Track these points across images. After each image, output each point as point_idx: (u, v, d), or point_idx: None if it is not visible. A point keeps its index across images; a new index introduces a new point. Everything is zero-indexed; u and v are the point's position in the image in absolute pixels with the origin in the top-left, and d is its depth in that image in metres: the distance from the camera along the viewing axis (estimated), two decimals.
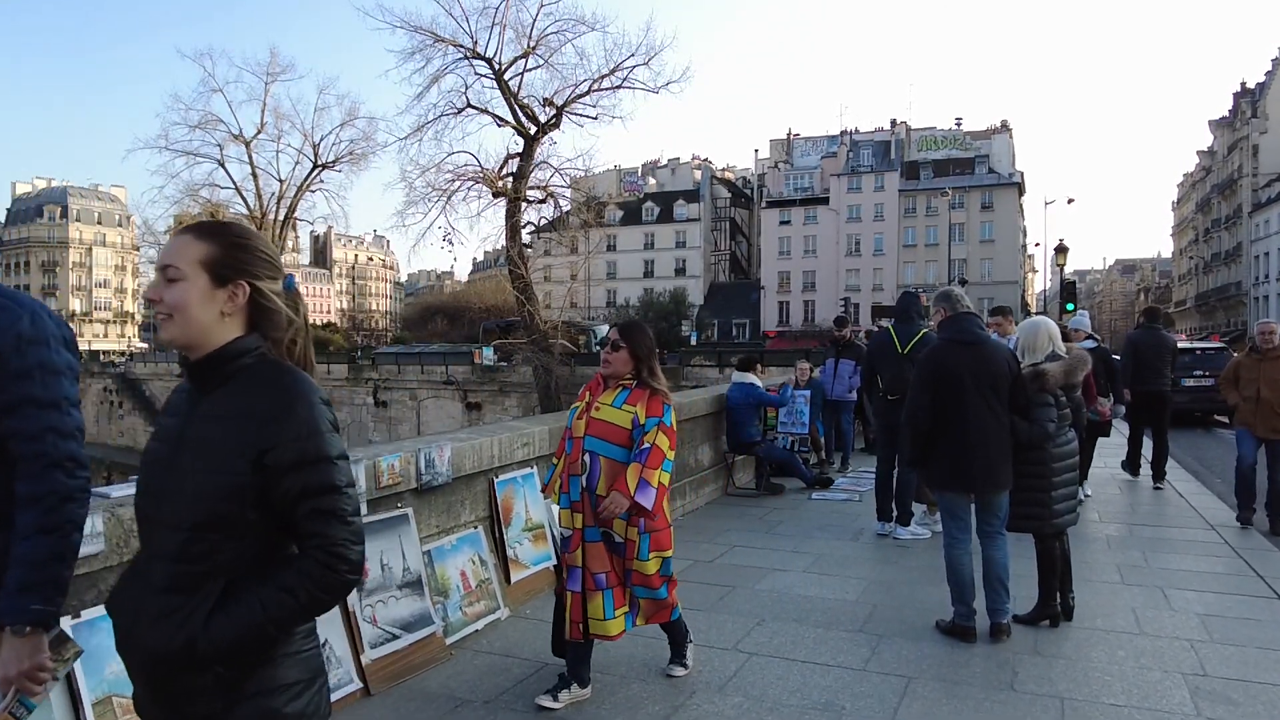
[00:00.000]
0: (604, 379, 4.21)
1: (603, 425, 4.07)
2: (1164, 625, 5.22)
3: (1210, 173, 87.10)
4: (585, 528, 4.06)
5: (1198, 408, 19.30)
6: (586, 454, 4.06)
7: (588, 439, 4.08)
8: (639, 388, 4.11)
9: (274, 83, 45.04)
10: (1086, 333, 9.26)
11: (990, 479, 5.04)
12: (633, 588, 4.12)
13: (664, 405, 4.08)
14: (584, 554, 4.07)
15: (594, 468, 4.04)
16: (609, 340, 4.16)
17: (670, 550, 4.16)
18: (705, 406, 9.23)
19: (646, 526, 4.05)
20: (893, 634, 5.07)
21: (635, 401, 4.08)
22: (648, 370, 4.14)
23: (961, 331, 5.23)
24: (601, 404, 4.12)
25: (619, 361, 4.13)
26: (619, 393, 4.12)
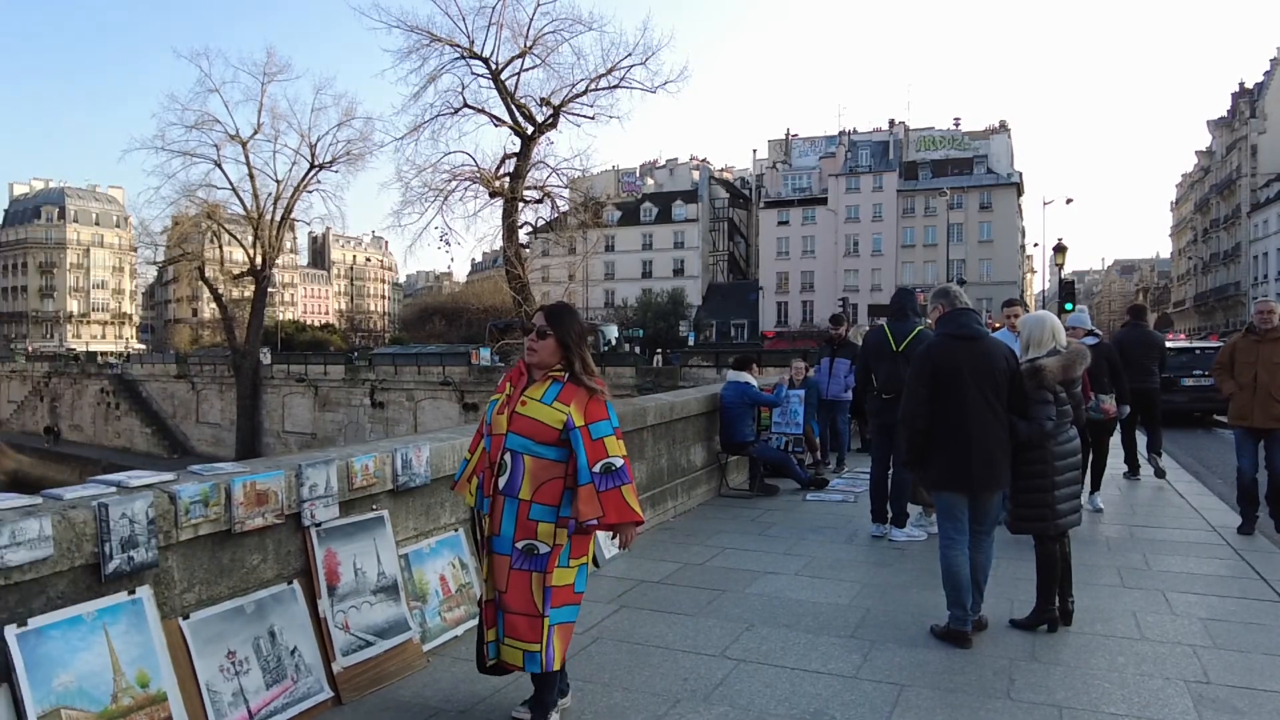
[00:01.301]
0: (527, 369, 3.73)
1: (529, 423, 3.58)
2: (1165, 630, 5.06)
3: (1209, 173, 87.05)
4: (492, 537, 3.62)
5: (1197, 407, 19.13)
6: (507, 453, 3.59)
7: (510, 436, 3.60)
8: (571, 383, 3.62)
9: (270, 83, 44.77)
10: (1086, 329, 8.83)
11: (989, 479, 4.90)
12: (549, 613, 3.56)
13: (607, 406, 3.63)
14: (488, 564, 3.65)
15: (515, 469, 3.57)
16: (533, 326, 3.69)
17: (586, 557, 3.73)
18: (698, 406, 9.07)
19: (578, 529, 3.60)
20: (885, 639, 4.92)
21: (569, 400, 3.58)
22: (579, 361, 3.65)
23: (960, 327, 5.09)
24: (529, 398, 3.62)
25: (545, 350, 3.65)
26: (548, 386, 3.63)
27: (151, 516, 3.44)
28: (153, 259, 55.41)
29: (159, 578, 3.53)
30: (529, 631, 3.55)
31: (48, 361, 68.12)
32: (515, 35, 30.36)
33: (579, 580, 3.67)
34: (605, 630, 5.07)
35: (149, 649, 3.39)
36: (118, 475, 3.67)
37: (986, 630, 5.01)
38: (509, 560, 3.56)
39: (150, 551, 3.44)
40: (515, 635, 3.57)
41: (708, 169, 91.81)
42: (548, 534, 3.58)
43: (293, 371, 50.78)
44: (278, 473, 4.00)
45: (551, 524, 3.58)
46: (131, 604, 3.40)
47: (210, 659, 3.63)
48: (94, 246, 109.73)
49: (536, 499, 3.55)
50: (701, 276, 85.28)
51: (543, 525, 3.57)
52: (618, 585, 5.95)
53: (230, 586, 3.84)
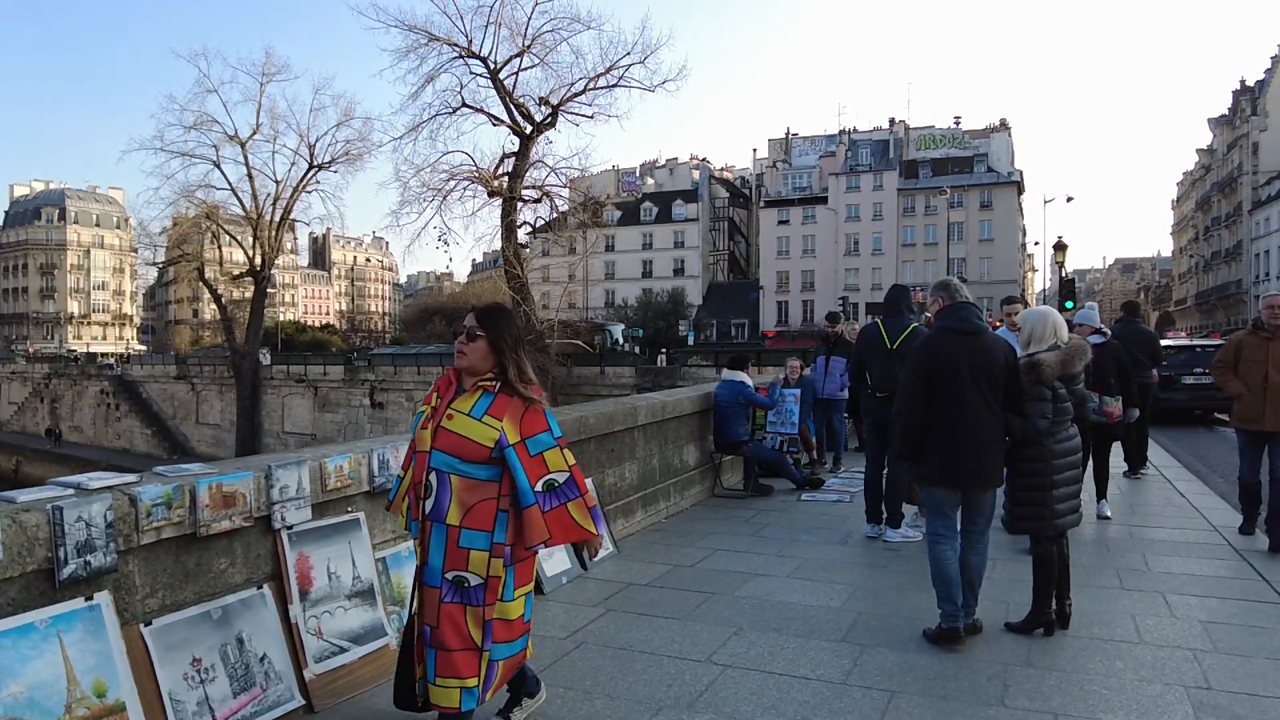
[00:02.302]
0: (457, 377, 3.37)
1: (455, 439, 3.20)
2: (1165, 633, 4.93)
3: (1210, 170, 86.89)
4: (422, 565, 3.27)
5: (1197, 405, 19.01)
6: (432, 473, 3.23)
7: (434, 454, 3.23)
8: (504, 393, 3.24)
9: (269, 83, 44.66)
10: (1093, 327, 8.14)
11: (982, 476, 4.78)
12: (491, 648, 3.25)
13: (545, 417, 3.27)
14: (420, 597, 3.30)
15: (442, 490, 3.20)
16: (463, 328, 3.30)
17: (530, 584, 3.41)
18: (691, 405, 8.94)
19: (514, 556, 3.25)
20: (877, 644, 4.79)
21: (501, 413, 3.20)
22: (514, 368, 3.27)
23: (960, 321, 4.96)
24: (456, 411, 3.24)
25: (476, 354, 3.27)
26: (478, 398, 3.24)
27: (110, 519, 3.32)
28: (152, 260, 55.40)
29: (119, 583, 3.40)
30: (465, 666, 3.22)
31: (48, 363, 68.03)
32: (513, 34, 30.38)
33: (527, 610, 3.38)
34: (589, 635, 4.94)
35: (107, 657, 3.26)
36: (78, 476, 3.54)
37: (981, 634, 4.88)
38: (439, 593, 3.22)
39: (109, 556, 3.32)
40: (450, 673, 3.21)
41: (708, 168, 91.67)
42: (480, 563, 3.20)
43: (292, 372, 50.70)
44: (246, 474, 3.87)
45: (484, 552, 3.20)
46: (89, 610, 3.27)
47: (173, 667, 3.50)
48: (94, 248, 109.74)
49: (466, 524, 3.19)
50: (702, 276, 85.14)
51: (474, 554, 3.19)
52: (605, 588, 5.83)
53: (196, 591, 3.71)
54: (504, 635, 3.26)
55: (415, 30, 30.22)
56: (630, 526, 7.43)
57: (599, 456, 7.04)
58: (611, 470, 7.26)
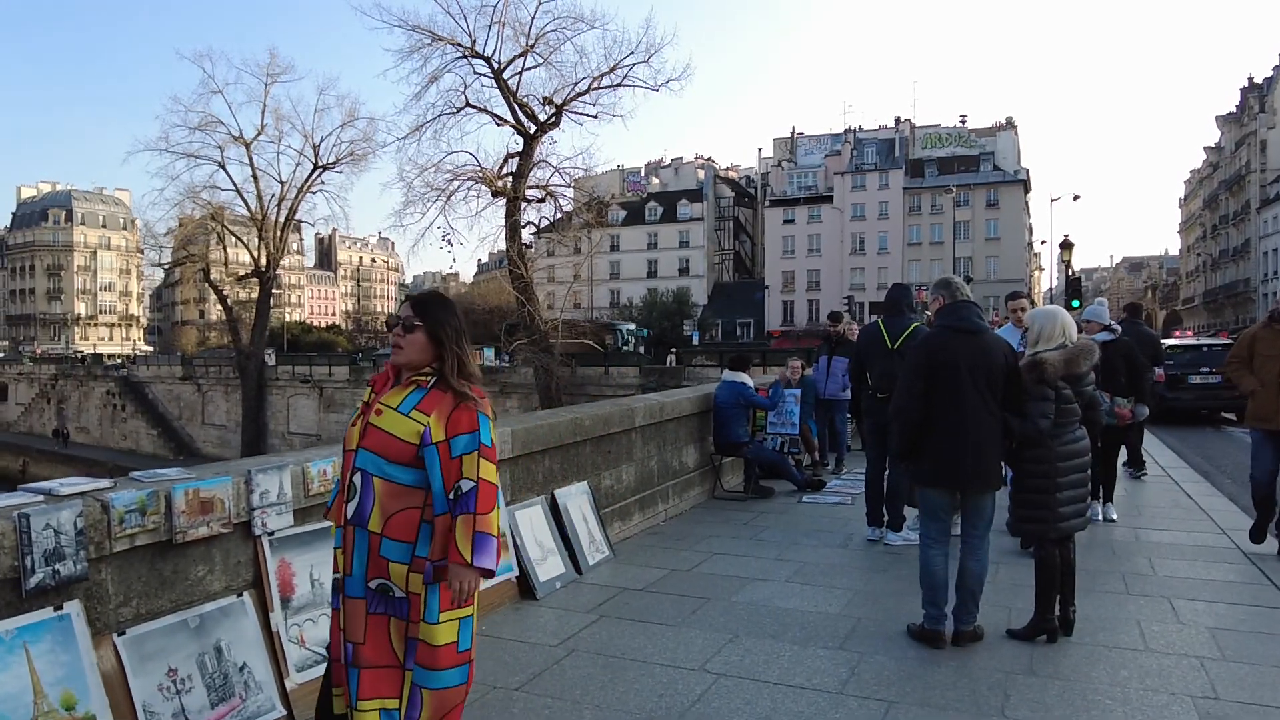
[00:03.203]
0: (394, 371, 3.04)
1: (381, 436, 2.87)
2: (1171, 640, 4.81)
3: (1218, 169, 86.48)
4: (345, 576, 2.91)
5: (1204, 405, 18.89)
6: (357, 474, 2.89)
7: (360, 453, 2.90)
8: (438, 388, 2.91)
9: (274, 84, 44.85)
10: (1101, 324, 7.81)
11: (980, 477, 4.69)
12: (413, 669, 2.87)
13: (477, 417, 2.86)
14: (342, 611, 2.93)
15: (365, 493, 2.86)
16: (399, 319, 2.99)
17: (470, 609, 2.91)
18: (690, 406, 8.83)
19: (436, 574, 2.83)
20: (875, 651, 4.67)
21: (430, 407, 2.87)
22: (454, 361, 2.93)
23: (960, 320, 4.86)
24: (385, 406, 2.92)
25: (414, 347, 2.94)
26: (410, 392, 2.92)
27: (80, 526, 3.22)
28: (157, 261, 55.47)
29: (90, 591, 3.31)
30: (388, 685, 2.89)
31: (54, 364, 68.23)
32: (517, 34, 30.27)
33: (462, 637, 2.89)
34: (581, 642, 4.83)
35: (76, 668, 3.17)
36: (49, 483, 3.45)
37: (982, 641, 4.77)
38: (365, 604, 2.89)
39: (79, 564, 3.22)
40: (373, 694, 2.86)
41: (713, 168, 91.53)
42: (399, 577, 2.86)
43: (297, 373, 50.74)
44: (224, 479, 3.77)
45: (404, 566, 2.85)
46: (58, 620, 3.18)
47: (148, 677, 3.41)
48: (101, 249, 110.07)
49: (388, 533, 2.85)
50: (707, 276, 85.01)
51: (394, 566, 2.85)
52: (599, 593, 5.72)
53: (172, 600, 3.61)
54: (428, 660, 2.83)
55: (419, 30, 30.15)
56: (627, 530, 7.32)
57: (595, 459, 6.94)
58: (608, 473, 7.16)
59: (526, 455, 6.02)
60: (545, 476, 6.28)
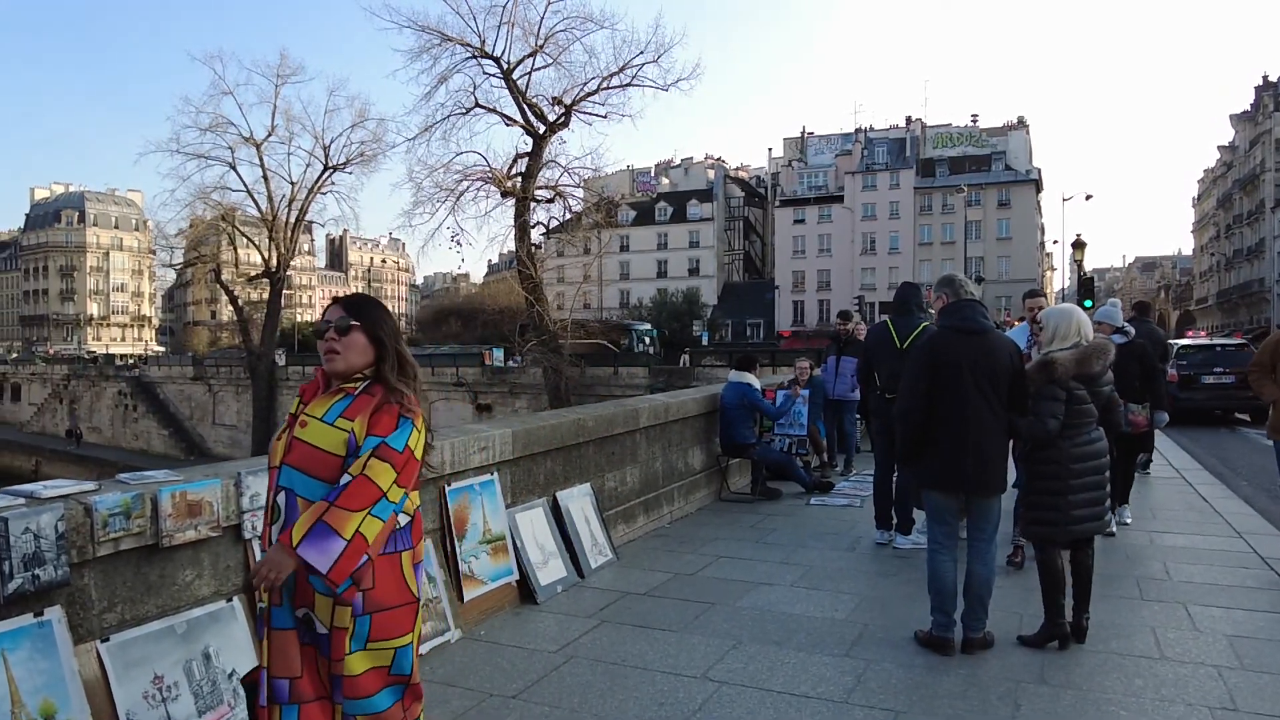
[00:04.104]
0: (325, 380, 2.75)
1: (305, 450, 2.59)
2: (1188, 649, 4.67)
3: (1232, 168, 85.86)
4: (273, 606, 2.61)
5: (1217, 406, 18.72)
6: (281, 492, 2.61)
7: (283, 470, 2.61)
8: (365, 393, 2.64)
9: (284, 85, 44.75)
10: (1114, 326, 7.34)
11: (983, 481, 4.58)
12: (342, 702, 2.59)
13: (399, 419, 2.60)
14: (268, 646, 2.63)
15: (290, 513, 2.56)
16: (329, 323, 2.70)
17: (409, 636, 2.64)
18: (696, 407, 8.71)
19: (368, 604, 2.55)
20: (882, 658, 4.55)
21: (356, 412, 2.59)
22: (394, 361, 2.69)
23: (964, 320, 4.74)
24: (310, 416, 2.64)
25: (353, 349, 2.66)
26: (337, 400, 2.64)
27: (62, 530, 3.14)
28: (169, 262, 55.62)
29: (73, 597, 3.23)
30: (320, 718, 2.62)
31: (67, 364, 68.58)
32: (526, 34, 30.25)
33: (398, 662, 2.62)
34: (581, 648, 4.73)
35: (57, 676, 3.08)
36: (31, 485, 3.37)
37: (992, 649, 4.64)
38: (296, 634, 2.61)
39: (60, 569, 3.14)
40: None
41: (723, 168, 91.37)
42: (324, 609, 2.55)
43: (308, 373, 50.56)
44: (213, 481, 3.68)
45: (329, 598, 2.53)
46: (38, 627, 3.09)
47: (132, 685, 3.32)
48: (113, 250, 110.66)
49: None
50: (717, 276, 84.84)
51: (319, 597, 2.54)
52: (601, 597, 5.62)
53: (159, 605, 3.52)
54: (351, 691, 2.55)
55: (428, 31, 30.16)
56: (631, 532, 7.22)
57: (598, 460, 6.84)
58: (612, 474, 7.06)
59: (528, 456, 5.93)
60: (547, 478, 6.18)
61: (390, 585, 2.60)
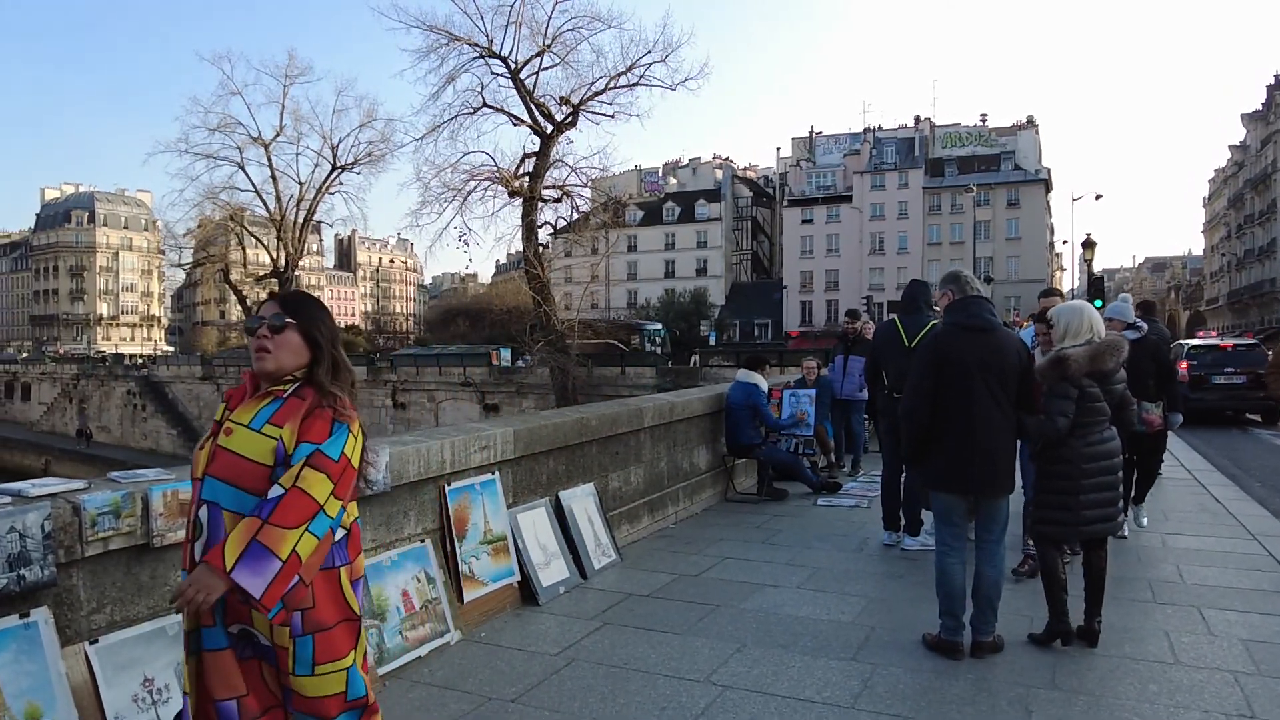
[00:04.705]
0: (254, 382, 2.54)
1: (229, 459, 2.39)
2: (1203, 653, 4.57)
3: (1243, 167, 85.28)
4: (202, 628, 2.40)
5: (1227, 406, 18.59)
6: (203, 506, 2.39)
7: (206, 481, 2.41)
8: (298, 395, 2.46)
9: (292, 85, 45.23)
10: (1125, 322, 7.10)
11: (991, 482, 4.49)
12: (294, 714, 2.44)
13: (332, 425, 2.43)
14: (198, 670, 2.42)
15: (214, 529, 2.35)
16: (262, 319, 2.53)
17: (352, 656, 2.48)
18: (701, 406, 8.63)
19: (307, 623, 2.38)
20: (890, 662, 4.46)
21: (285, 418, 2.41)
22: (329, 364, 2.53)
23: (970, 316, 4.65)
24: (235, 423, 2.44)
25: (286, 349, 2.49)
26: (265, 404, 2.45)
27: (49, 530, 3.07)
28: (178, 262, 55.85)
29: (60, 598, 3.16)
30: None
31: (76, 364, 68.82)
32: (534, 34, 30.28)
33: (352, 686, 2.46)
34: (582, 651, 4.65)
35: (43, 679, 3.01)
36: (19, 484, 3.31)
37: (1002, 652, 4.54)
38: (232, 652, 2.42)
39: (47, 569, 3.07)
40: None
41: (731, 168, 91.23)
42: (263, 625, 2.38)
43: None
44: None
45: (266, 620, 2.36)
46: (24, 628, 3.03)
47: (121, 688, 3.25)
48: (123, 250, 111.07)
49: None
50: (725, 276, 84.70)
51: (258, 615, 2.34)
52: (603, 599, 5.53)
53: (150, 606, 3.45)
54: (308, 709, 2.42)
55: (436, 30, 30.23)
56: (635, 533, 7.14)
57: (602, 460, 6.75)
58: (616, 474, 6.98)
59: (530, 456, 5.85)
60: (550, 478, 6.11)
61: (329, 603, 2.44)
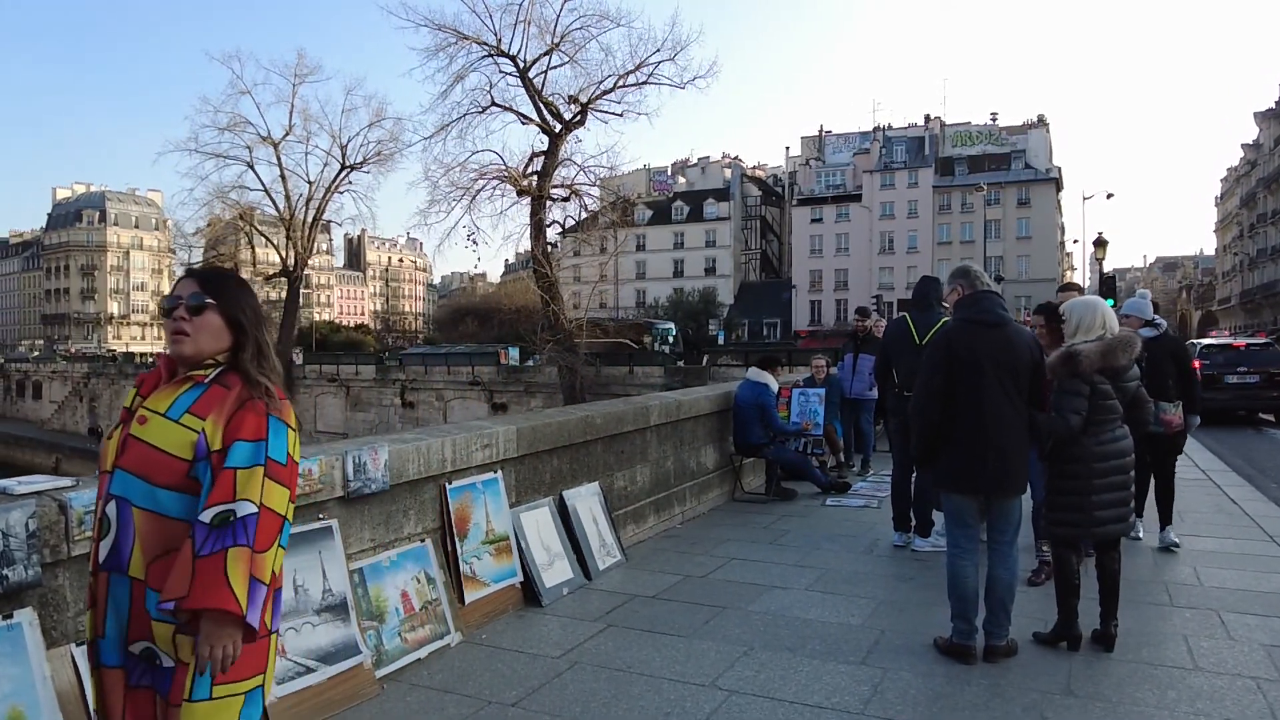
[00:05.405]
0: (169, 367, 2.32)
1: (142, 451, 2.18)
2: (1223, 659, 4.44)
3: (1256, 166, 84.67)
4: (98, 639, 2.22)
5: (1240, 406, 18.46)
6: (112, 501, 2.18)
7: (116, 475, 2.20)
8: (220, 382, 2.25)
9: (301, 84, 44.85)
10: (1143, 320, 6.86)
11: (1004, 482, 4.37)
12: None
13: (268, 422, 2.22)
14: (98, 690, 2.24)
15: (123, 527, 2.16)
16: (178, 298, 2.29)
17: (260, 678, 2.24)
18: (709, 405, 8.52)
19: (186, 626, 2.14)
20: (900, 666, 4.35)
21: (208, 408, 2.20)
22: (254, 350, 2.30)
23: (981, 311, 4.54)
24: (150, 411, 2.23)
25: (206, 332, 2.27)
26: (183, 392, 2.24)
27: (33, 529, 2.98)
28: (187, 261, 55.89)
29: (45, 599, 3.07)
30: None
31: (87, 362, 69.08)
32: (542, 32, 30.13)
33: (246, 712, 2.21)
34: (585, 653, 4.55)
35: (26, 682, 2.93)
36: (4, 481, 3.23)
37: (1015, 657, 4.43)
38: (124, 674, 2.20)
39: (31, 569, 2.98)
40: None
41: (740, 167, 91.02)
42: (165, 640, 2.15)
43: (324, 371, 51.09)
44: None
45: (170, 625, 2.15)
46: (7, 630, 2.94)
47: None
48: (133, 249, 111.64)
49: (150, 581, 2.15)
50: (733, 275, 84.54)
51: (157, 625, 2.15)
52: (607, 600, 5.43)
53: None
54: None
55: (444, 29, 30.07)
56: (641, 533, 7.03)
57: (607, 459, 6.65)
58: (621, 473, 6.87)
59: (533, 454, 5.75)
60: (553, 477, 6.01)
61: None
